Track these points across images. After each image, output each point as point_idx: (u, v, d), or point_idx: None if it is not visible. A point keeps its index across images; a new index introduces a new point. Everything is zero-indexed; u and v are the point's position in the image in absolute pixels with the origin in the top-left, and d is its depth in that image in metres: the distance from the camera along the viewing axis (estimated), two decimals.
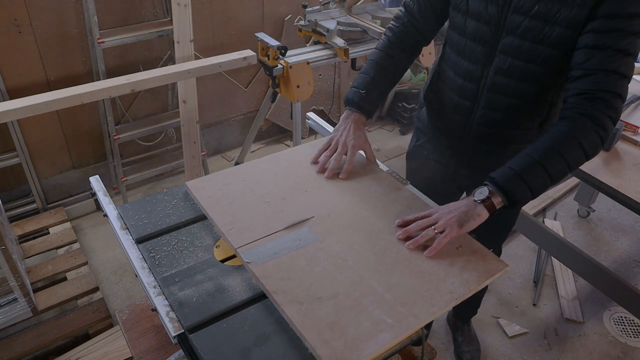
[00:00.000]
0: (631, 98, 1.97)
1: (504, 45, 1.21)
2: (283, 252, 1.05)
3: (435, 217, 1.08)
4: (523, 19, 1.16)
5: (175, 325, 0.92)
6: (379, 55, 1.38)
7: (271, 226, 1.12)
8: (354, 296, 0.96)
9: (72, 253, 2.33)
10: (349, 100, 1.35)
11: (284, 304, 0.94)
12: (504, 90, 1.27)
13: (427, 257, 1.04)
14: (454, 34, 1.32)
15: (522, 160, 1.07)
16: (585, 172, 1.63)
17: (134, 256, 1.06)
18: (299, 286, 0.97)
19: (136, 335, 1.27)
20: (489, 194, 1.05)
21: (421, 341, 0.99)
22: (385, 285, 0.98)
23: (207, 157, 2.95)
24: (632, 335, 2.19)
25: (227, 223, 1.12)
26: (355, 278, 1.00)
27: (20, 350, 1.90)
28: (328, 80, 3.35)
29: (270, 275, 0.99)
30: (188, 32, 2.36)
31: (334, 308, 0.93)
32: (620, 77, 1.07)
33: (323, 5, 2.57)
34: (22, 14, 2.21)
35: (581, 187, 2.74)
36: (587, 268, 1.97)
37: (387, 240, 1.09)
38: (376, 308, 0.94)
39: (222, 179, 1.26)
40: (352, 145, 1.30)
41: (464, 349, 2.04)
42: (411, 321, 0.92)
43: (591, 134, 1.06)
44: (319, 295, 0.95)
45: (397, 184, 1.28)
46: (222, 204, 1.17)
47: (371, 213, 1.17)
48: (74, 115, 2.54)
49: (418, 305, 0.95)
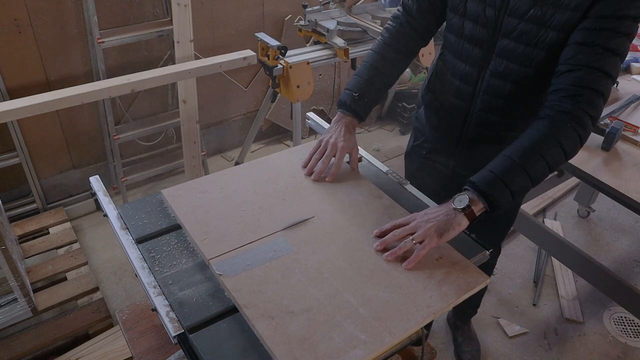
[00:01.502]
0: (631, 98, 1.97)
1: (499, 48, 1.22)
2: (257, 264, 1.02)
3: (413, 225, 1.04)
4: (518, 22, 1.16)
5: (175, 325, 0.92)
6: (374, 57, 1.36)
7: (246, 236, 1.08)
8: (327, 310, 0.93)
9: (72, 253, 2.33)
10: (341, 102, 1.32)
11: (255, 318, 0.90)
12: (499, 93, 1.27)
13: (405, 269, 1.02)
14: (451, 36, 1.32)
15: (502, 163, 1.04)
16: (585, 172, 1.62)
17: (134, 256, 1.06)
18: (271, 300, 0.94)
19: (136, 335, 1.27)
20: (469, 202, 1.02)
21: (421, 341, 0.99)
22: (361, 299, 0.95)
23: (207, 157, 2.95)
24: (632, 335, 2.19)
25: (201, 233, 1.08)
26: (329, 291, 0.97)
27: (20, 350, 1.90)
28: (328, 80, 3.35)
29: (242, 288, 0.96)
30: (188, 32, 2.36)
31: (306, 323, 0.90)
32: (605, 75, 1.06)
33: (323, 5, 2.57)
34: (22, 14, 2.21)
35: (581, 187, 2.74)
36: (587, 268, 1.97)
37: (364, 251, 1.06)
38: (350, 323, 0.91)
39: (199, 186, 1.22)
40: (340, 147, 1.27)
41: (464, 349, 2.04)
42: (385, 337, 0.89)
43: (571, 133, 1.05)
44: (291, 310, 0.92)
45: (378, 192, 1.24)
46: (198, 213, 1.14)
47: (350, 222, 1.14)
48: (74, 115, 2.54)
49: (393, 321, 0.92)
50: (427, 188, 1.41)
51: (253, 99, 3.20)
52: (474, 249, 1.12)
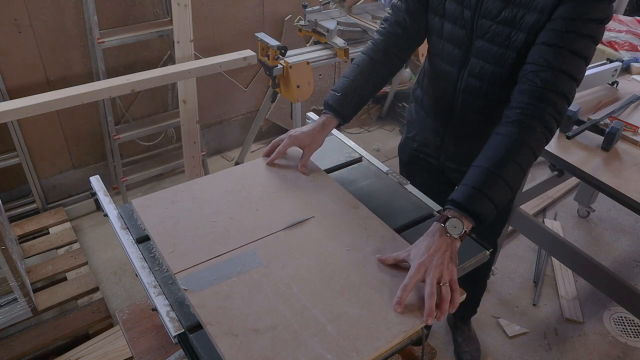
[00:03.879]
0: (631, 98, 1.97)
1: (476, 48, 1.24)
2: (224, 278, 0.98)
3: (422, 271, 0.97)
4: (491, 24, 1.18)
5: (176, 324, 0.92)
6: (362, 58, 1.35)
7: (215, 249, 1.05)
8: (293, 328, 0.89)
9: (72, 253, 2.33)
10: (325, 102, 1.32)
11: (218, 336, 0.87)
12: (476, 93, 1.29)
13: (377, 285, 0.97)
14: (432, 37, 1.34)
15: (481, 176, 1.03)
16: (585, 172, 1.62)
17: (134, 256, 1.06)
18: (236, 317, 0.90)
19: (136, 335, 1.27)
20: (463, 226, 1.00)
21: (421, 341, 0.99)
22: (329, 316, 0.92)
23: (207, 157, 2.96)
24: (632, 335, 2.19)
25: (169, 245, 1.05)
26: (297, 307, 0.93)
27: (20, 350, 1.90)
28: (328, 80, 3.35)
29: (207, 304, 0.92)
30: (188, 32, 2.36)
31: (270, 342, 0.87)
32: (570, 79, 1.07)
33: (323, 5, 2.57)
34: (22, 14, 2.21)
35: (581, 187, 2.74)
36: (587, 268, 1.97)
37: (336, 264, 1.02)
38: (316, 342, 0.87)
39: (170, 196, 1.19)
40: (289, 135, 1.27)
41: (464, 349, 2.04)
42: (353, 357, 0.85)
43: (540, 137, 1.07)
44: (256, 327, 0.89)
45: (354, 201, 1.20)
46: (167, 224, 1.10)
47: (323, 234, 1.10)
48: (74, 115, 2.54)
49: (362, 339, 0.88)
50: (418, 179, 1.43)
51: (253, 99, 3.20)
52: (474, 249, 1.12)
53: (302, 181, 1.26)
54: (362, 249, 1.07)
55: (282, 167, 1.31)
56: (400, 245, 1.08)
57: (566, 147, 1.73)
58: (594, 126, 1.75)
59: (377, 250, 1.06)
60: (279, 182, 1.25)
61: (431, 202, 1.26)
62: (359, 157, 1.43)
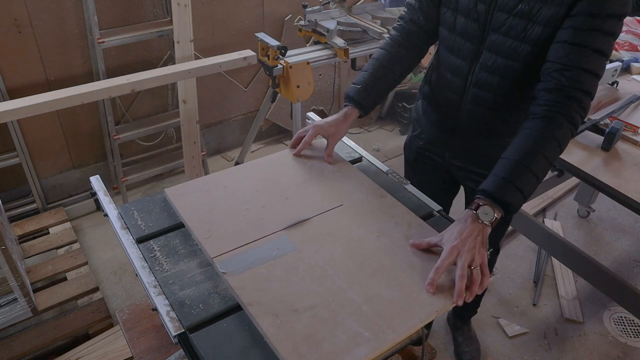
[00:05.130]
0: (631, 98, 1.97)
1: (489, 42, 1.25)
2: (260, 262, 1.02)
3: (455, 254, 1.01)
4: (507, 17, 1.19)
5: (176, 324, 0.92)
6: (381, 53, 1.41)
7: (249, 235, 1.09)
8: (331, 308, 0.93)
9: (72, 253, 2.33)
10: (346, 94, 1.38)
11: (259, 316, 0.91)
12: (487, 87, 1.30)
13: (407, 268, 1.01)
14: (444, 30, 1.35)
15: (510, 167, 1.07)
16: (585, 172, 1.62)
17: (135, 256, 1.06)
18: (275, 298, 0.95)
19: (136, 335, 1.27)
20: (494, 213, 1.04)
21: (421, 341, 0.99)
22: (364, 297, 0.96)
23: (207, 157, 2.96)
24: (632, 335, 2.19)
25: (204, 231, 1.09)
26: (333, 289, 0.97)
27: (20, 350, 1.90)
28: (328, 80, 3.35)
29: (246, 287, 0.97)
30: (188, 32, 2.36)
31: (310, 321, 0.91)
32: (593, 76, 1.11)
33: (323, 5, 2.57)
34: (22, 14, 2.21)
35: (581, 187, 2.74)
36: (587, 268, 1.97)
37: (367, 249, 1.07)
38: (354, 321, 0.91)
39: (201, 185, 1.23)
40: (314, 126, 1.33)
41: (464, 349, 2.04)
42: (389, 335, 0.89)
43: (566, 132, 1.12)
44: (295, 307, 0.93)
45: (380, 191, 1.25)
46: (201, 212, 1.14)
47: (352, 221, 1.14)
48: (74, 115, 2.54)
49: (396, 319, 0.92)
50: (424, 177, 1.47)
51: (253, 99, 3.20)
52: None
53: (329, 171, 1.30)
54: (390, 235, 1.11)
55: (308, 157, 1.36)
56: (427, 231, 1.12)
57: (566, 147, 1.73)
58: (594, 126, 1.76)
59: (405, 237, 1.11)
60: (306, 172, 1.30)
61: (431, 202, 1.26)
62: (359, 157, 1.44)
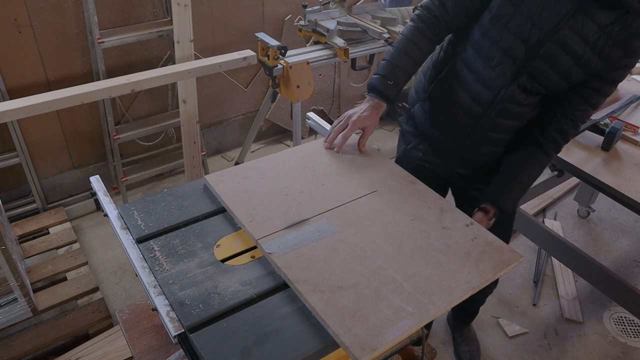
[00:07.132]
0: (631, 98, 1.97)
1: (531, 66, 1.25)
2: (303, 243, 1.08)
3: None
4: (561, 53, 1.20)
5: (176, 324, 0.92)
6: (404, 42, 1.38)
7: (290, 218, 1.14)
8: (373, 285, 0.99)
9: (72, 253, 2.33)
10: (372, 87, 1.37)
11: (307, 292, 0.96)
12: (518, 101, 1.31)
13: (443, 249, 1.08)
14: (483, 41, 1.29)
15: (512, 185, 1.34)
16: (585, 172, 1.63)
17: (134, 256, 1.06)
18: (319, 276, 1.00)
19: (136, 335, 1.27)
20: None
21: (421, 341, 0.99)
22: (404, 275, 1.01)
23: (207, 157, 2.95)
24: (632, 335, 2.19)
25: (247, 215, 1.14)
26: (374, 268, 1.02)
27: (20, 350, 1.90)
28: (328, 80, 3.35)
29: (292, 266, 1.02)
30: (188, 32, 2.36)
31: (354, 297, 0.96)
32: (594, 110, 1.31)
33: (323, 5, 2.57)
34: (22, 14, 2.21)
35: (581, 187, 2.74)
36: (587, 268, 1.97)
37: (403, 232, 1.12)
38: (396, 297, 0.96)
39: (240, 172, 1.29)
40: (353, 121, 1.34)
41: (463, 349, 2.04)
42: (430, 309, 0.95)
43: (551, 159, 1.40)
44: (339, 285, 0.98)
45: (411, 178, 1.31)
46: (241, 197, 1.20)
47: (387, 206, 1.20)
48: (74, 115, 2.54)
49: (437, 294, 0.97)
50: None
51: (253, 99, 3.20)
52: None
53: (361, 160, 1.36)
54: (424, 219, 1.17)
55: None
56: (458, 214, 1.19)
57: (566, 147, 1.71)
58: (594, 126, 1.76)
59: (438, 219, 1.17)
60: (340, 160, 1.36)
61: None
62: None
